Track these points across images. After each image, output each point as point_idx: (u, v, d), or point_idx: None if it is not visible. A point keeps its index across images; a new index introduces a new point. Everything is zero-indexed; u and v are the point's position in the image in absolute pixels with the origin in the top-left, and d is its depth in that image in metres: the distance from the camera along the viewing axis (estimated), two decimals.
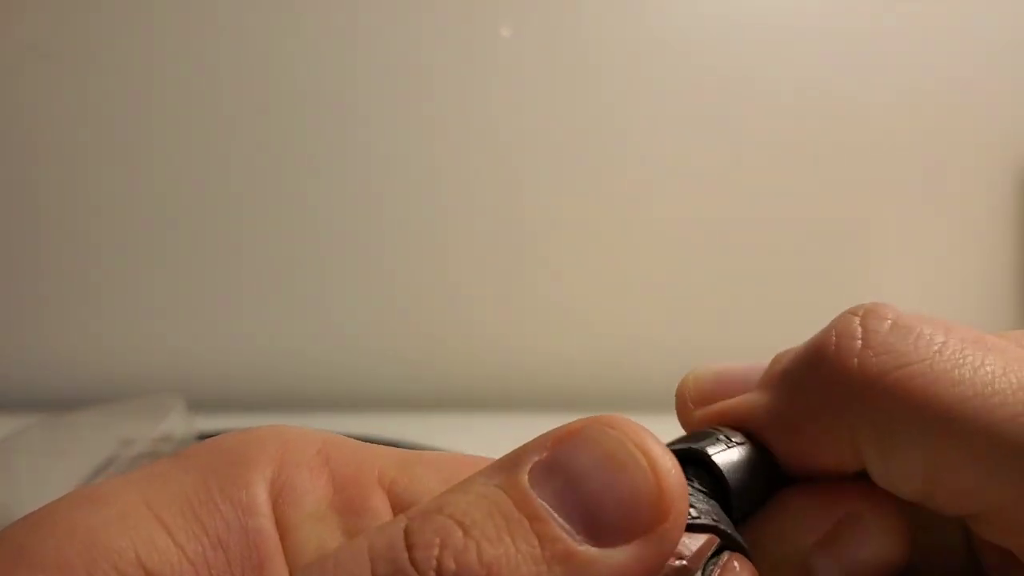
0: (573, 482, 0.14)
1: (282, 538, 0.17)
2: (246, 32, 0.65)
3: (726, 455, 0.18)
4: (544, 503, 0.14)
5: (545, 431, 0.15)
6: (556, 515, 0.14)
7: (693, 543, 0.16)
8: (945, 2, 0.64)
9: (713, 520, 0.16)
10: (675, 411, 0.21)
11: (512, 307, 0.68)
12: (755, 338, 0.71)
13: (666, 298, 0.70)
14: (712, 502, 0.17)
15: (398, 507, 0.18)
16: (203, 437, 0.27)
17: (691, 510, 0.16)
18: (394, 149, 0.67)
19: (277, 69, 0.66)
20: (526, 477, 0.14)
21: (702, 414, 0.20)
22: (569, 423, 0.15)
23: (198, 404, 0.54)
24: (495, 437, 0.23)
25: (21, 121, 0.65)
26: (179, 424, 0.51)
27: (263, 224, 0.68)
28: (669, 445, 0.18)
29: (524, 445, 0.15)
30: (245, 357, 0.69)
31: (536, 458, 0.15)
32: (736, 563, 0.16)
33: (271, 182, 0.67)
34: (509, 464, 0.15)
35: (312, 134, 0.67)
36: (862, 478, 0.18)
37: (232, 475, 0.17)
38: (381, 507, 0.18)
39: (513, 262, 0.68)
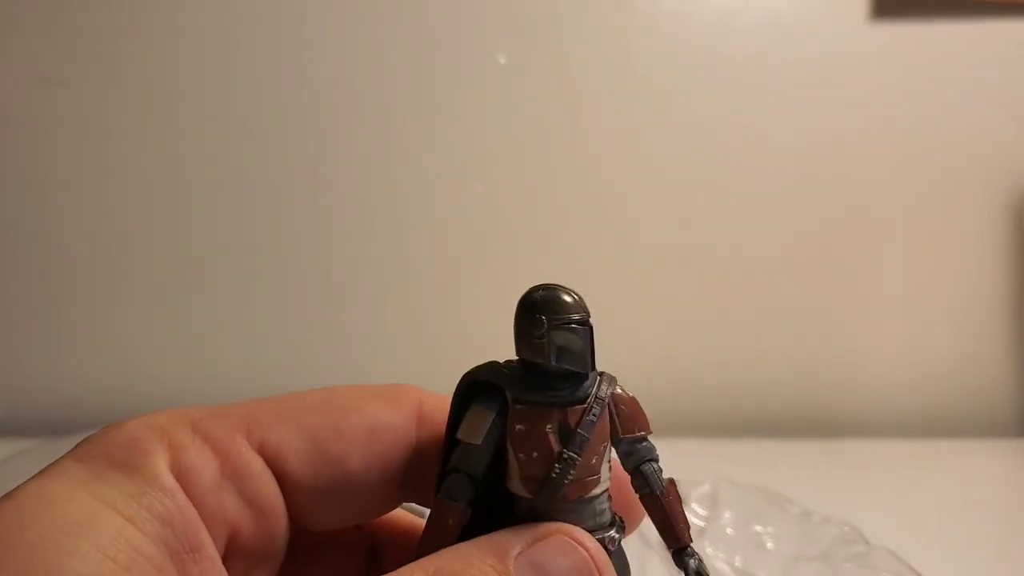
0: None
1: (196, 510, 0.20)
2: (244, 61, 0.66)
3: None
4: None
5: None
6: None
7: None
8: (936, 32, 0.66)
9: None
10: (657, 430, 0.23)
11: (501, 328, 0.68)
12: (744, 362, 0.71)
13: (652, 322, 0.70)
14: None
15: (272, 463, 0.22)
16: None
17: None
18: (390, 175, 0.68)
19: (278, 98, 0.66)
20: (512, 566, 0.20)
21: None
22: (543, 526, 0.21)
23: None
24: None
25: (13, 147, 0.66)
26: None
27: (257, 251, 0.68)
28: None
29: (509, 533, 0.20)
30: (248, 381, 0.69)
31: (519, 549, 0.20)
32: None
33: (264, 211, 0.68)
34: (498, 550, 0.20)
35: (310, 161, 0.67)
36: None
37: (142, 465, 0.20)
38: (261, 469, 0.22)
39: (504, 284, 0.68)
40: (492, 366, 0.22)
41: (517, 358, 0.22)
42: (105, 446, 0.20)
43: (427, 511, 0.22)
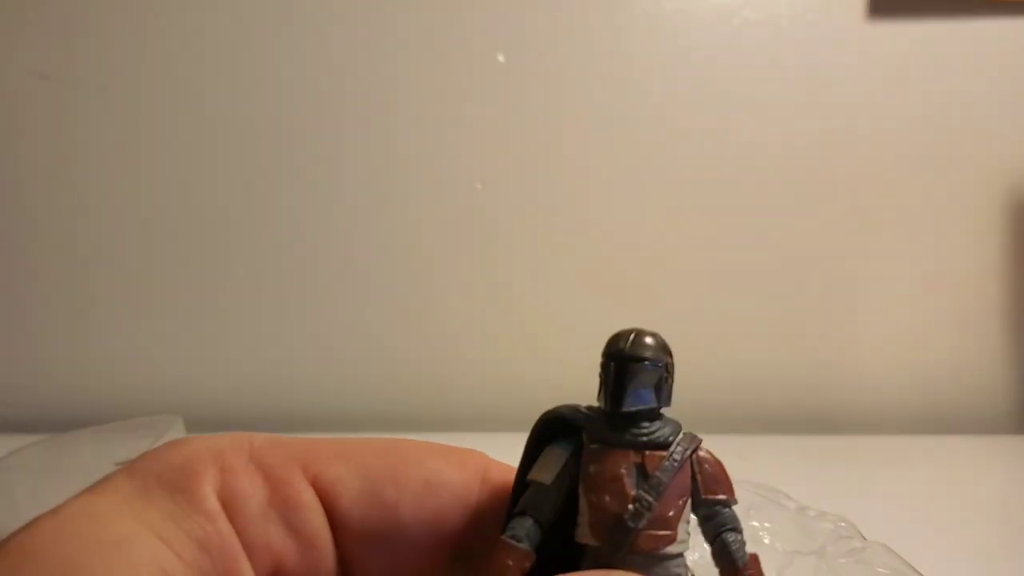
0: None
1: (238, 537, 0.20)
2: (242, 60, 0.66)
3: None
4: None
5: None
6: None
7: None
8: (933, 30, 0.66)
9: None
10: None
11: (496, 329, 0.68)
12: (741, 358, 0.71)
13: (649, 319, 0.70)
14: None
15: (324, 498, 0.21)
16: None
17: None
18: (389, 174, 0.68)
19: (274, 98, 0.67)
20: None
21: None
22: (611, 572, 0.19)
23: (196, 424, 0.54)
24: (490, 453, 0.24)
25: (20, 145, 0.66)
26: None
27: (257, 250, 0.68)
28: None
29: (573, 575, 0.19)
30: (242, 378, 0.69)
31: None
32: None
33: (267, 207, 0.68)
34: None
35: (308, 160, 0.67)
36: None
37: (189, 488, 0.20)
38: (312, 501, 0.21)
39: (500, 285, 0.68)
40: (571, 406, 0.21)
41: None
42: (158, 463, 0.20)
43: None
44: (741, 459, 0.55)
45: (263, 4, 0.66)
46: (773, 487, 0.45)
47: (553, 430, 0.21)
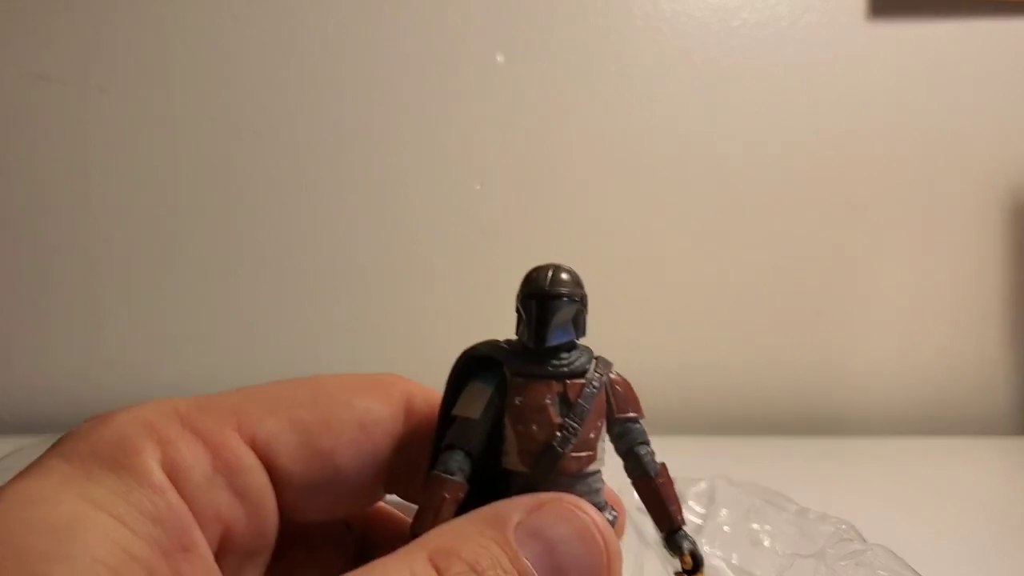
0: (551, 550, 0.19)
1: (188, 507, 0.20)
2: (240, 59, 0.66)
3: None
4: (528, 563, 0.18)
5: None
6: (536, 573, 0.18)
7: None
8: (933, 30, 0.66)
9: None
10: (655, 428, 0.23)
11: (496, 330, 0.68)
12: (742, 360, 0.71)
13: (649, 320, 0.70)
14: None
15: (263, 457, 0.21)
16: None
17: None
18: (388, 174, 0.68)
19: (274, 99, 0.66)
20: (512, 536, 0.18)
21: None
22: (540, 495, 0.20)
23: None
24: None
25: (20, 146, 0.66)
26: None
27: (259, 251, 0.68)
28: None
29: (506, 503, 0.19)
30: (244, 379, 0.69)
31: (518, 518, 0.19)
32: None
33: (267, 208, 0.68)
34: (497, 521, 0.19)
35: (308, 160, 0.67)
36: None
37: (132, 463, 0.19)
38: (253, 463, 0.21)
39: (499, 284, 0.68)
40: (491, 343, 0.22)
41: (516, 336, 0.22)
42: (92, 443, 0.19)
43: (410, 505, 0.22)
44: (741, 461, 0.55)
45: (264, 5, 0.66)
46: (774, 489, 0.45)
47: (472, 367, 0.22)
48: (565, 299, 0.21)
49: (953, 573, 0.44)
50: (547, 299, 0.21)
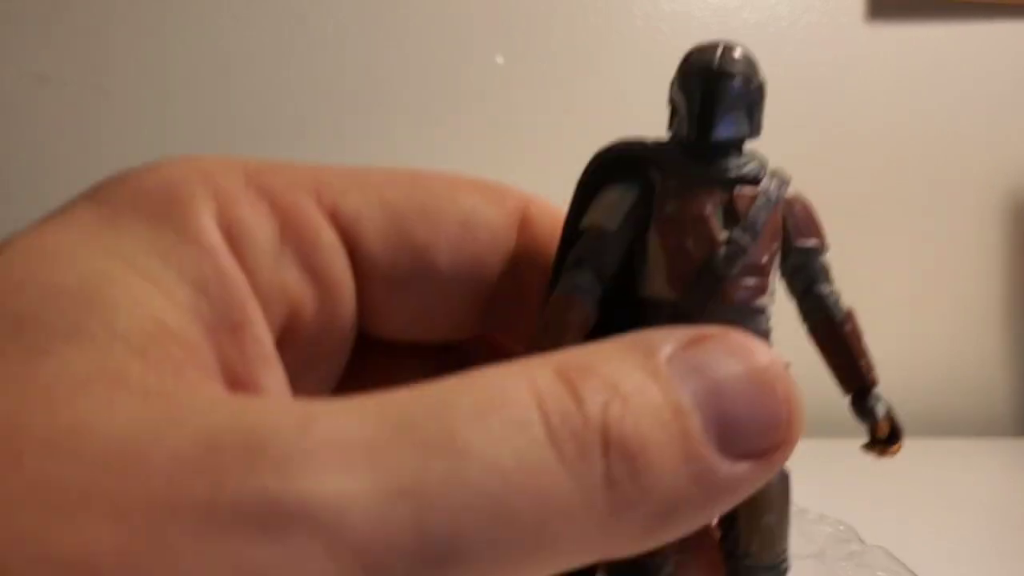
0: (715, 391, 0.13)
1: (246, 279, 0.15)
2: (239, 58, 0.66)
3: None
4: (685, 400, 0.13)
5: None
6: (696, 416, 0.13)
7: None
8: (932, 32, 0.66)
9: None
10: None
11: None
12: None
13: None
14: None
15: (345, 236, 0.17)
16: None
17: None
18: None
19: (273, 99, 0.66)
20: (665, 365, 0.13)
21: None
22: (700, 327, 0.14)
23: None
24: None
25: (19, 147, 0.66)
26: None
27: None
28: None
29: (656, 332, 0.14)
30: None
31: (670, 349, 0.13)
32: None
33: None
34: (644, 347, 0.14)
35: (305, 158, 0.67)
36: None
37: (177, 216, 0.15)
38: (332, 239, 0.17)
39: None
40: (634, 140, 0.18)
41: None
42: (132, 188, 0.15)
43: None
44: None
45: (263, 5, 0.66)
46: None
47: (609, 172, 0.17)
48: (739, 80, 0.16)
49: (952, 574, 0.44)
50: (716, 77, 0.16)
